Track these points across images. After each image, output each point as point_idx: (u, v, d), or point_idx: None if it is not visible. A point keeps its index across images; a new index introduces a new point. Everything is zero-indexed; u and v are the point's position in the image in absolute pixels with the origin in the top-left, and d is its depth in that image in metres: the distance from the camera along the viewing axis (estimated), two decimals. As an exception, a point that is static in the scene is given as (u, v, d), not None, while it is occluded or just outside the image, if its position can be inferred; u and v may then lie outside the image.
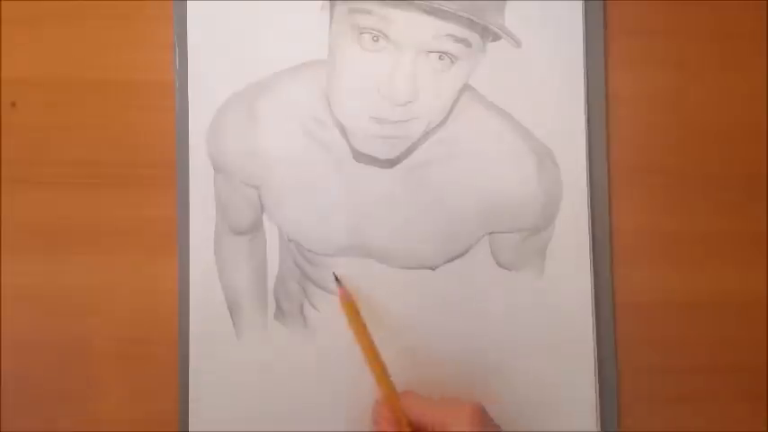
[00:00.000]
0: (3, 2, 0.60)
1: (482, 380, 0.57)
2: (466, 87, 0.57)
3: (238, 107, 0.58)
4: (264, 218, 0.58)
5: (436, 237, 0.58)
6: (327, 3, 0.57)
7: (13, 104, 0.60)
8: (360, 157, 0.57)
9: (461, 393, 0.54)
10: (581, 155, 0.58)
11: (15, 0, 0.60)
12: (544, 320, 0.57)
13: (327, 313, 0.58)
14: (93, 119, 0.60)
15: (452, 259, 0.58)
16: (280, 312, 0.58)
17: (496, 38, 0.57)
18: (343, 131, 0.57)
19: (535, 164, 0.57)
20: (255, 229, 0.58)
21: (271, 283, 0.58)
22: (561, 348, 0.57)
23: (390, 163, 0.57)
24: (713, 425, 0.58)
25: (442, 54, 0.56)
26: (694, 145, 0.59)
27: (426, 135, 0.57)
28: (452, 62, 0.56)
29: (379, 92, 0.56)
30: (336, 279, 0.56)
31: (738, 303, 0.59)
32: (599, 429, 0.57)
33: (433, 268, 0.58)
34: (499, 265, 0.58)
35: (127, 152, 0.59)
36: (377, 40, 0.56)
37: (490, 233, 0.58)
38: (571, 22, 0.58)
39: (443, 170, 0.58)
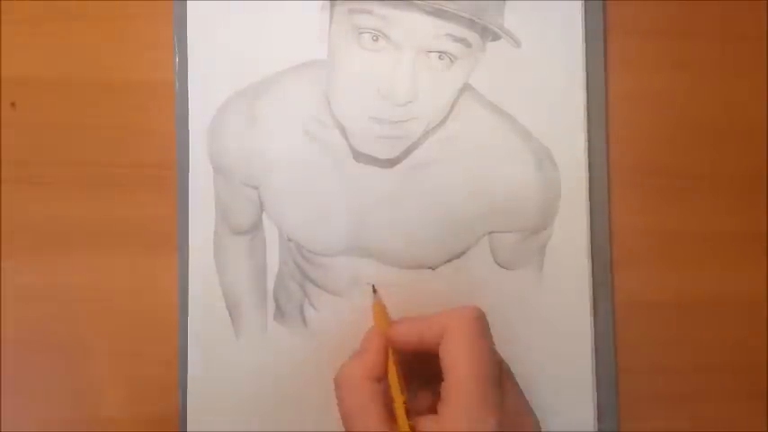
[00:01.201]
0: (3, 2, 0.60)
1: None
2: (466, 87, 0.57)
3: (238, 107, 0.58)
4: (264, 218, 0.58)
5: (436, 236, 0.58)
6: (327, 3, 0.57)
7: (13, 104, 0.60)
8: (360, 157, 0.57)
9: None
10: (580, 155, 0.58)
11: (15, 0, 0.60)
12: (543, 320, 0.57)
13: (327, 314, 0.58)
14: (93, 119, 0.59)
15: (452, 259, 0.58)
16: (279, 312, 0.58)
17: (496, 38, 0.57)
18: (343, 131, 0.57)
19: (534, 164, 0.57)
20: (255, 229, 0.58)
21: (270, 284, 0.58)
22: (560, 348, 0.57)
23: (390, 163, 0.57)
24: (713, 425, 0.58)
25: (442, 54, 0.56)
26: (694, 145, 0.59)
27: (426, 135, 0.57)
28: (452, 62, 0.56)
29: (379, 92, 0.56)
30: (374, 290, 0.55)
31: (738, 303, 0.59)
32: (598, 429, 0.57)
33: (432, 268, 0.58)
34: (498, 264, 0.58)
35: (127, 152, 0.59)
36: (376, 40, 0.56)
37: (490, 233, 0.58)
38: (571, 22, 0.58)
39: (443, 170, 0.58)
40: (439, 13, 0.55)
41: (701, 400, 0.58)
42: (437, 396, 0.48)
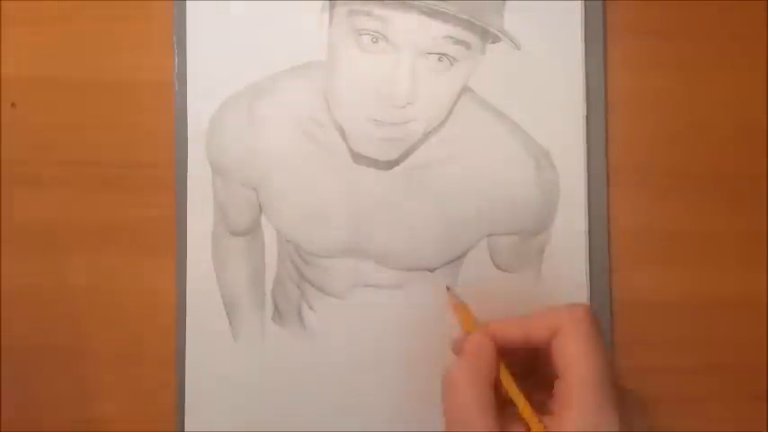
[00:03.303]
0: (3, 2, 0.60)
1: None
2: (465, 89, 0.57)
3: (237, 108, 0.58)
4: (263, 219, 0.58)
5: (435, 238, 0.58)
6: (327, 4, 0.57)
7: (13, 104, 0.60)
8: (359, 158, 0.57)
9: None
10: (580, 156, 0.58)
11: (15, 0, 0.60)
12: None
13: (325, 315, 0.58)
14: (93, 119, 0.60)
15: (451, 261, 0.58)
16: (277, 314, 0.58)
17: (496, 40, 0.57)
18: (342, 133, 0.57)
19: (534, 166, 0.57)
20: (254, 230, 0.58)
21: (268, 285, 0.58)
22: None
23: (389, 165, 0.57)
24: (713, 425, 0.58)
25: (442, 56, 0.56)
26: (694, 145, 0.59)
27: (425, 137, 0.57)
28: (451, 64, 0.56)
29: (379, 93, 0.56)
30: (448, 289, 0.54)
31: (738, 303, 0.59)
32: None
33: (431, 270, 0.58)
34: (497, 267, 0.58)
35: (126, 152, 0.59)
36: (376, 42, 0.56)
37: (488, 235, 0.58)
38: (571, 23, 0.58)
39: (442, 172, 0.58)
40: (438, 15, 0.55)
41: (701, 401, 0.58)
42: (537, 393, 0.48)
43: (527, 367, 0.50)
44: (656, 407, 0.58)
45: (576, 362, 0.46)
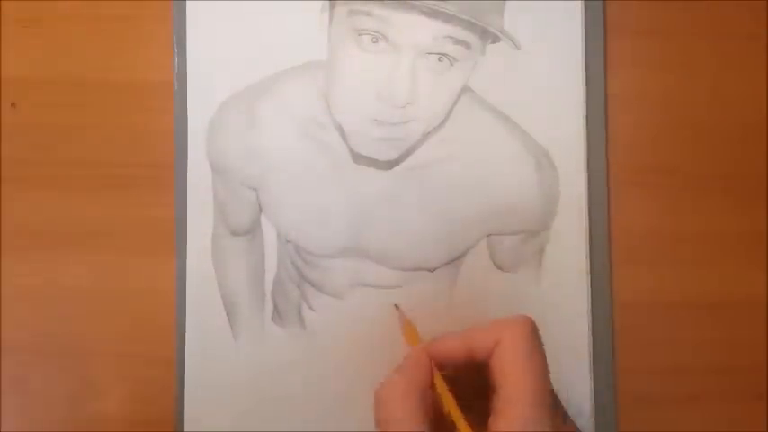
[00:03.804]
0: (3, 2, 0.60)
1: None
2: (465, 89, 0.57)
3: (237, 108, 0.58)
4: (263, 219, 0.58)
5: (435, 238, 0.58)
6: (327, 4, 0.57)
7: (13, 105, 0.60)
8: (359, 158, 0.57)
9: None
10: (580, 156, 0.58)
11: (15, 0, 0.60)
12: (542, 322, 0.57)
13: (325, 315, 0.58)
14: (93, 119, 0.60)
15: (451, 261, 0.58)
16: (277, 314, 0.58)
17: (496, 40, 0.57)
18: (342, 133, 0.57)
19: (533, 166, 0.57)
20: (253, 230, 0.58)
21: (268, 285, 0.58)
22: (558, 350, 0.57)
23: (389, 164, 0.57)
24: (713, 425, 0.58)
25: (442, 56, 0.56)
26: (694, 145, 0.59)
27: (425, 137, 0.57)
28: (451, 64, 0.56)
29: (379, 94, 0.56)
30: (397, 307, 0.53)
31: (738, 303, 0.59)
32: (596, 430, 0.57)
33: (431, 270, 0.58)
34: (497, 266, 0.58)
35: (126, 152, 0.59)
36: (376, 42, 0.56)
37: (488, 235, 0.58)
38: (570, 22, 0.58)
39: (442, 172, 0.58)
40: (439, 15, 0.55)
41: (701, 400, 0.58)
42: (482, 413, 0.46)
43: (472, 389, 0.48)
44: (656, 407, 0.58)
45: (510, 375, 0.45)
